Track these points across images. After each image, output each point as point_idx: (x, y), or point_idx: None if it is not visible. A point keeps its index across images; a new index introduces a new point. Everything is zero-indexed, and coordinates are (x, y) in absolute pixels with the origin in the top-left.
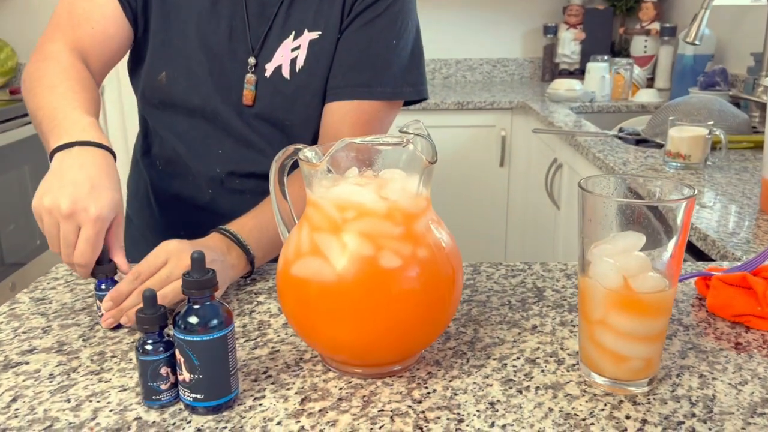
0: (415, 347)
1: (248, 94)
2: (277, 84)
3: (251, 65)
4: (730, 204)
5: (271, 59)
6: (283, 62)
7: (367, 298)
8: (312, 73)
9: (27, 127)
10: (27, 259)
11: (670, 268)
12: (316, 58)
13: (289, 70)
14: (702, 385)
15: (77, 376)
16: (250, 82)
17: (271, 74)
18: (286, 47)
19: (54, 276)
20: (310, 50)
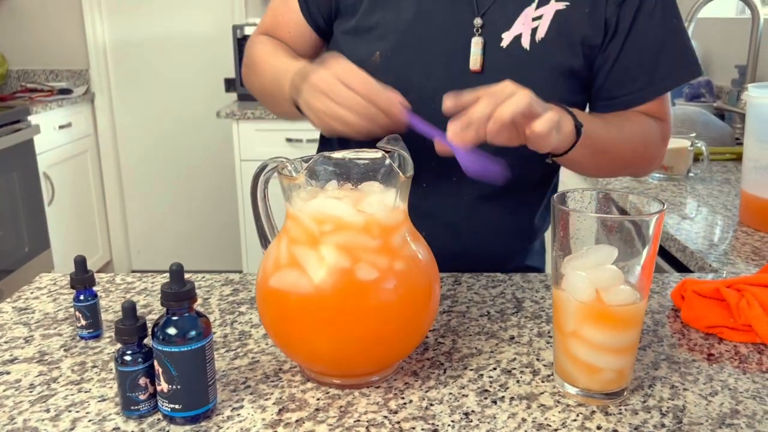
0: (391, 358)
1: (475, 59)
2: (514, 54)
3: (477, 27)
4: (710, 215)
5: (510, 28)
6: (524, 31)
7: (345, 310)
8: (553, 45)
9: (16, 134)
10: (15, 267)
11: (641, 281)
12: (560, 30)
13: (530, 41)
14: (673, 395)
15: (57, 386)
16: (478, 45)
17: (509, 44)
18: (528, 16)
19: (38, 285)
20: (553, 21)
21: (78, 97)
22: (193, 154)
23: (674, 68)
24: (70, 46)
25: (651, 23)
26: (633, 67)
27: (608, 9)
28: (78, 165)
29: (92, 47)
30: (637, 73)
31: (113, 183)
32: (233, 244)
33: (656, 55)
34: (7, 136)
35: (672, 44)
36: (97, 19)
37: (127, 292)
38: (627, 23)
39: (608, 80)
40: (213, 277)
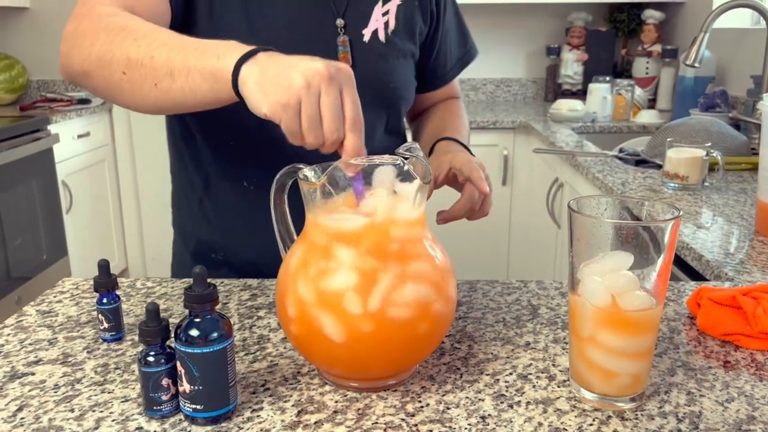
0: (409, 363)
1: (344, 56)
2: (376, 48)
3: (340, 27)
4: (726, 225)
5: (368, 24)
6: (379, 26)
7: (363, 315)
8: (401, 36)
9: (36, 143)
10: (33, 273)
11: (657, 287)
12: (403, 22)
13: (384, 34)
14: (689, 402)
15: (81, 386)
16: (344, 43)
17: (369, 38)
18: (378, 12)
19: (60, 290)
20: (398, 14)
21: (96, 107)
22: None
23: (468, 47)
24: None
25: (450, 12)
26: (447, 49)
27: (431, 2)
28: (96, 173)
29: None
30: (450, 54)
31: (130, 191)
32: None
33: (456, 38)
34: (27, 145)
35: (462, 29)
36: None
37: (148, 296)
38: (441, 12)
39: (435, 62)
40: (231, 282)
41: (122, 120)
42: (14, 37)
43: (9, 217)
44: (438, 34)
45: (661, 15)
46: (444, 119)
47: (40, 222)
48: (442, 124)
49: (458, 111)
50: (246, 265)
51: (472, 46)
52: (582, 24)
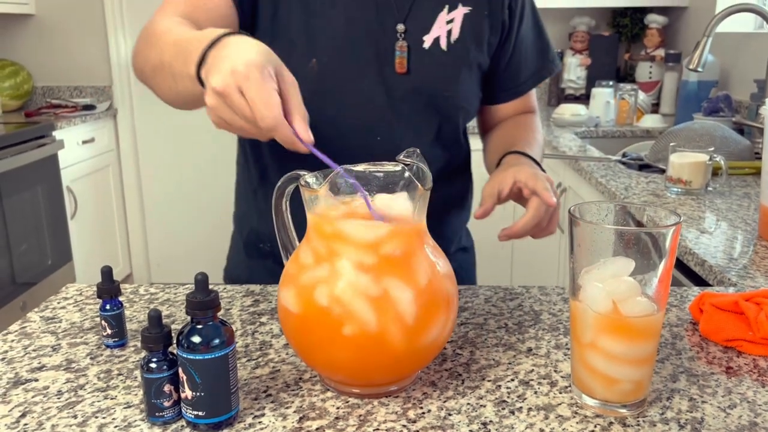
0: (410, 369)
1: (401, 61)
2: (436, 55)
3: (400, 32)
4: (729, 230)
5: (429, 31)
6: (441, 34)
7: (364, 321)
8: (465, 45)
9: (41, 149)
10: (38, 279)
11: (658, 293)
12: (468, 31)
13: (446, 42)
14: (691, 408)
15: (84, 393)
16: (402, 48)
17: (430, 45)
18: (442, 19)
19: (64, 296)
20: (463, 23)
21: (101, 112)
22: (212, 169)
23: (546, 61)
24: (94, 63)
25: (528, 24)
26: (522, 61)
27: (503, 12)
28: (100, 179)
29: (115, 64)
30: (524, 66)
31: (134, 197)
32: None
33: (534, 50)
34: (32, 151)
35: (542, 41)
36: (120, 37)
37: (151, 302)
38: (515, 24)
39: (505, 73)
40: (234, 288)
41: (127, 126)
42: (19, 44)
43: (14, 223)
44: (509, 45)
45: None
46: (514, 133)
47: (45, 227)
48: (512, 137)
49: (531, 125)
50: None
51: (550, 61)
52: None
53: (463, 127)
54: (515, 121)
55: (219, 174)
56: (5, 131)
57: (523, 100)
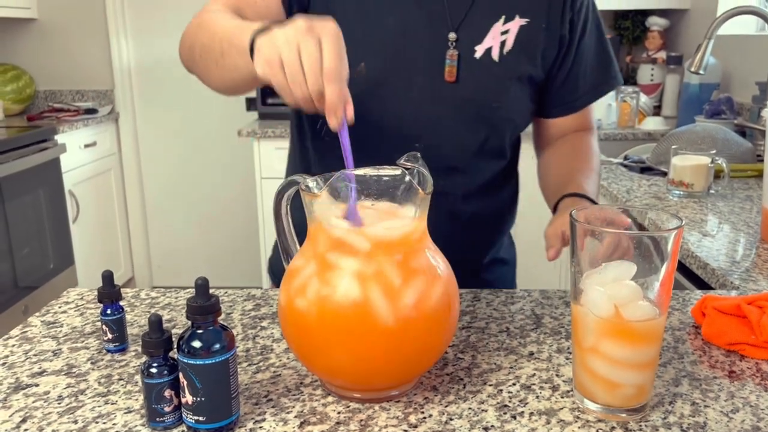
0: (411, 373)
1: (450, 70)
2: (486, 65)
3: (452, 41)
4: (732, 233)
5: (482, 41)
6: (494, 44)
7: (365, 325)
8: (518, 58)
9: (43, 153)
10: (40, 283)
11: (660, 297)
12: (523, 43)
13: (498, 53)
14: (694, 412)
15: (85, 398)
16: (452, 57)
17: (481, 55)
18: (497, 30)
19: (65, 300)
20: (519, 35)
21: (103, 116)
22: (214, 173)
23: (607, 76)
24: (96, 67)
25: (590, 38)
26: (580, 76)
27: (563, 26)
28: (102, 183)
29: (117, 68)
30: (583, 81)
31: (136, 201)
32: (253, 260)
33: (595, 65)
34: (34, 155)
35: (604, 56)
36: (122, 41)
37: (152, 306)
38: (576, 38)
39: (562, 88)
40: (235, 292)
41: (129, 130)
42: (22, 48)
43: (16, 227)
44: (569, 59)
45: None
46: (572, 164)
47: (47, 231)
48: (569, 170)
49: (587, 151)
50: None
51: (612, 76)
52: None
53: (511, 140)
54: (572, 146)
55: (221, 177)
56: (7, 135)
57: (579, 115)
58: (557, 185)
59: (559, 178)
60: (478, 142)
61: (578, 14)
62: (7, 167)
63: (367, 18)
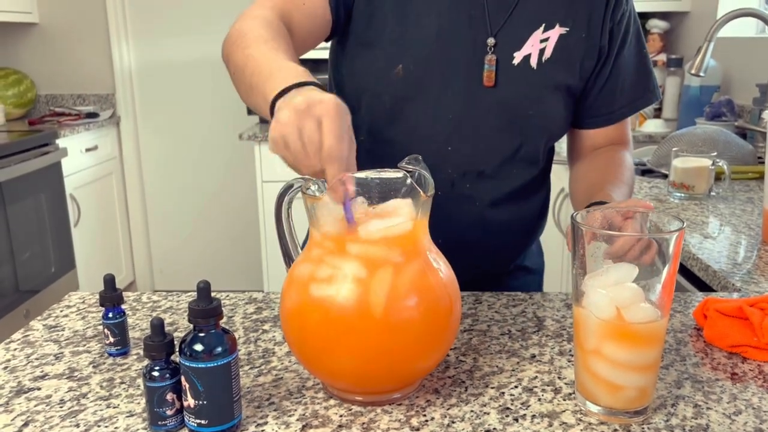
0: (413, 376)
1: (489, 74)
2: (524, 72)
3: (490, 45)
4: (733, 235)
5: (521, 48)
6: (533, 52)
7: (367, 327)
8: (556, 66)
9: (45, 157)
10: (41, 287)
11: (662, 299)
12: (562, 52)
13: (537, 61)
14: (696, 414)
15: (87, 401)
16: (491, 62)
17: (519, 62)
18: (537, 38)
19: (67, 304)
20: (558, 44)
21: (104, 120)
22: (215, 176)
23: (645, 90)
24: (97, 71)
25: (630, 50)
26: (617, 88)
27: (602, 37)
28: (103, 187)
29: (118, 72)
30: (620, 94)
31: (137, 204)
32: (255, 264)
33: (633, 78)
34: (35, 159)
35: (644, 70)
36: (123, 45)
37: (153, 310)
38: (615, 49)
39: (598, 99)
40: (237, 296)
41: (130, 133)
42: (23, 53)
43: (18, 231)
44: (606, 70)
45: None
46: (601, 177)
47: (48, 235)
48: (598, 182)
49: (620, 164)
50: None
51: (651, 90)
52: None
53: (545, 149)
54: (605, 160)
55: (222, 181)
56: (9, 139)
57: (615, 128)
58: (585, 195)
59: (588, 188)
60: (510, 149)
61: (618, 25)
62: (8, 171)
63: (406, 19)
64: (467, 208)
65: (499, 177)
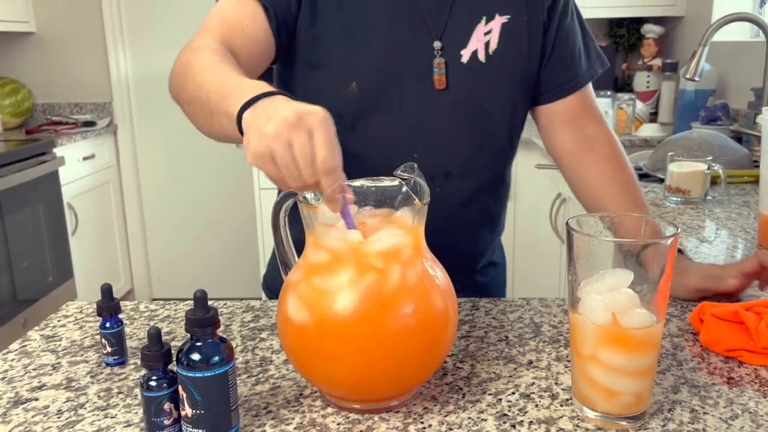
0: (410, 383)
1: (439, 78)
2: (474, 68)
3: (437, 49)
4: (729, 239)
5: (467, 45)
6: (479, 47)
7: (364, 335)
8: (505, 55)
9: (42, 166)
10: (39, 296)
11: (658, 304)
12: (507, 40)
13: (484, 54)
14: (693, 419)
15: (84, 412)
16: (440, 65)
17: (468, 59)
18: (479, 32)
19: (64, 314)
20: (502, 33)
21: (101, 129)
22: (213, 184)
23: (594, 59)
24: (94, 80)
25: (573, 22)
26: (567, 58)
27: (543, 13)
28: (101, 195)
29: (115, 81)
30: (570, 62)
31: (135, 212)
32: (252, 272)
33: (581, 48)
34: (33, 168)
35: (588, 38)
36: (120, 54)
37: (151, 319)
38: (555, 20)
39: (546, 72)
40: (234, 304)
41: (127, 142)
42: (20, 62)
43: (15, 240)
44: (549, 43)
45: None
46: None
47: (45, 244)
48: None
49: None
50: None
51: (599, 58)
52: None
53: (509, 138)
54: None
55: (219, 189)
56: (6, 149)
57: (577, 101)
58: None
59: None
60: (475, 146)
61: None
62: (5, 181)
63: (353, 37)
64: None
65: (468, 175)
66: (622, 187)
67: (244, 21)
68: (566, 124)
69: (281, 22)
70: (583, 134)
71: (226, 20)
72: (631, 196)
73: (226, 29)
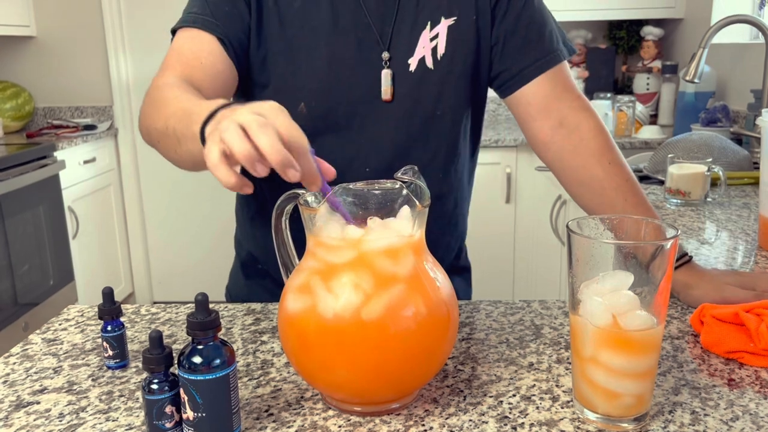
0: (411, 386)
1: (386, 90)
2: (422, 76)
3: (385, 60)
4: (729, 240)
5: (413, 53)
6: (426, 53)
7: (365, 338)
8: (454, 57)
9: (43, 169)
10: (40, 299)
11: (658, 306)
12: (455, 42)
13: (432, 60)
14: (694, 421)
15: (86, 415)
16: (387, 76)
17: (415, 68)
18: (425, 38)
19: (66, 317)
20: (449, 36)
21: (102, 132)
22: (213, 187)
23: (557, 44)
24: (95, 84)
25: (527, 9)
26: (522, 43)
27: (491, 6)
28: (102, 199)
29: (116, 84)
30: (527, 49)
31: (136, 216)
32: None
33: (538, 33)
34: (33, 171)
35: (550, 26)
36: (121, 58)
37: (152, 322)
38: (502, 11)
39: (504, 60)
40: (235, 307)
41: (128, 145)
42: (21, 66)
43: (16, 244)
44: (500, 31)
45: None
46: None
47: (46, 248)
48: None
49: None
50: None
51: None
52: (582, 41)
53: (466, 135)
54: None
55: (220, 192)
56: (7, 152)
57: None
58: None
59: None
60: (431, 152)
61: None
62: (6, 184)
63: (298, 57)
64: None
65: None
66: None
67: (200, 55)
68: (541, 111)
69: (237, 48)
70: (560, 120)
71: (182, 56)
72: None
73: (184, 66)
